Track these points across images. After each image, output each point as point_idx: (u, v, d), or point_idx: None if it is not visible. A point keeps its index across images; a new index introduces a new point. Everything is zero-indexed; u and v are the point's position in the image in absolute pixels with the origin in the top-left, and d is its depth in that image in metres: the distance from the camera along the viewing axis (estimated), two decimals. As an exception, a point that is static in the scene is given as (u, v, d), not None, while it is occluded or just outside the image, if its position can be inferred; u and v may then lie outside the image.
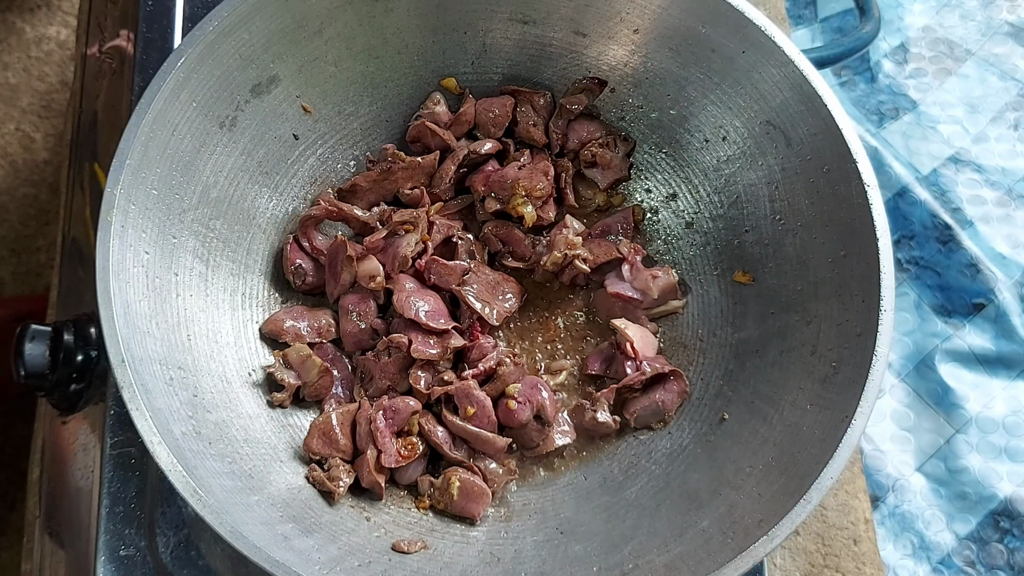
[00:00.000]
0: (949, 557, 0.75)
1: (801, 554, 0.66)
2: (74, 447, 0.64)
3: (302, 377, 0.59)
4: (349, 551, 0.51)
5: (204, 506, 0.45)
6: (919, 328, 0.84)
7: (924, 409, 0.81)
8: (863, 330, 0.52)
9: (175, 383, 0.51)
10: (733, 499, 0.52)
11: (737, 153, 0.63)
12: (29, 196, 1.05)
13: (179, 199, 0.55)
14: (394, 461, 0.57)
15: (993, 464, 0.77)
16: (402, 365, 0.61)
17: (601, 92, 0.68)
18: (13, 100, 1.09)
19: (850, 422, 0.49)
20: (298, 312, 0.62)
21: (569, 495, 0.60)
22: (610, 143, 0.68)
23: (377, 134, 0.68)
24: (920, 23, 0.98)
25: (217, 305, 0.59)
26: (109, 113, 0.73)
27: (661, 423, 0.62)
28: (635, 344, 0.62)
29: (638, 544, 0.52)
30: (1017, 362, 0.81)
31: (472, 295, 0.62)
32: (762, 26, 0.57)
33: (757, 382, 0.59)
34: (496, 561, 0.54)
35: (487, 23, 0.65)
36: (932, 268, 0.86)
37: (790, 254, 0.60)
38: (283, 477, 0.55)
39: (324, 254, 0.64)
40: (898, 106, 0.94)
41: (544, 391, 0.60)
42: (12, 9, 1.12)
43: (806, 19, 1.00)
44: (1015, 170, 0.89)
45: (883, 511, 0.77)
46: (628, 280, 0.65)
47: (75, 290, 0.69)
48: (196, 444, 0.49)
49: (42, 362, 0.56)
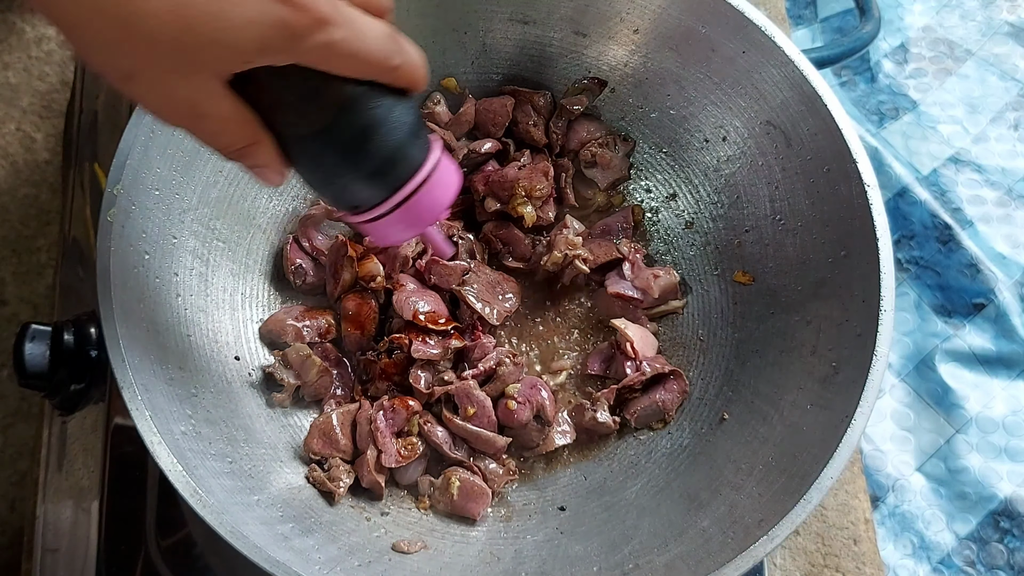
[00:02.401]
0: (949, 557, 0.75)
1: (801, 554, 0.66)
2: (74, 447, 0.64)
3: (302, 377, 0.59)
4: (349, 551, 0.51)
5: (204, 506, 0.45)
6: (919, 328, 0.84)
7: (924, 409, 0.81)
8: (863, 330, 0.52)
9: (175, 383, 0.51)
10: (733, 499, 0.52)
11: (737, 153, 0.63)
12: (29, 196, 1.05)
13: (179, 199, 0.55)
14: (394, 461, 0.57)
15: (993, 464, 0.77)
16: (402, 365, 0.61)
17: (601, 92, 0.68)
18: (13, 100, 1.09)
19: (850, 422, 0.49)
20: (298, 312, 0.62)
21: (569, 495, 0.60)
22: (610, 143, 0.68)
23: (377, 134, 0.68)
24: (920, 23, 0.98)
25: (217, 305, 0.59)
26: (109, 113, 0.73)
27: (661, 423, 0.62)
28: (635, 344, 0.62)
29: (638, 544, 0.52)
30: (1017, 362, 0.81)
31: (472, 295, 0.62)
32: (762, 26, 0.57)
33: (757, 382, 0.59)
34: (496, 561, 0.54)
35: (487, 23, 0.65)
36: (932, 268, 0.86)
37: (790, 254, 0.60)
38: (283, 477, 0.55)
39: (324, 254, 0.64)
40: (898, 106, 0.94)
41: (544, 391, 0.60)
42: (12, 9, 1.12)
43: (806, 19, 1.01)
44: (1015, 170, 0.89)
45: (883, 511, 0.77)
46: (629, 279, 0.65)
47: (75, 290, 0.69)
48: (196, 444, 0.49)
49: (42, 362, 0.56)
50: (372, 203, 0.39)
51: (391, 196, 0.39)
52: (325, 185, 0.39)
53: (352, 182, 0.38)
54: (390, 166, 0.38)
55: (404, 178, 0.38)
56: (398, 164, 0.38)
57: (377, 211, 0.39)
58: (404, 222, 0.40)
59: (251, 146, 0.35)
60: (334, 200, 0.41)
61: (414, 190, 0.39)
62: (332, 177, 0.38)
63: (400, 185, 0.38)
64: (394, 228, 0.40)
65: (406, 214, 0.39)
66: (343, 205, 0.40)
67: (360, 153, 0.37)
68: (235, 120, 0.34)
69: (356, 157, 0.37)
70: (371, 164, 0.37)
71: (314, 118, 0.35)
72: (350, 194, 0.39)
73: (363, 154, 0.37)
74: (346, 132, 0.36)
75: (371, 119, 0.36)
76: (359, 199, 0.39)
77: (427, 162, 0.39)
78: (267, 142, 0.36)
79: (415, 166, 0.39)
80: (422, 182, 0.39)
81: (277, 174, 0.38)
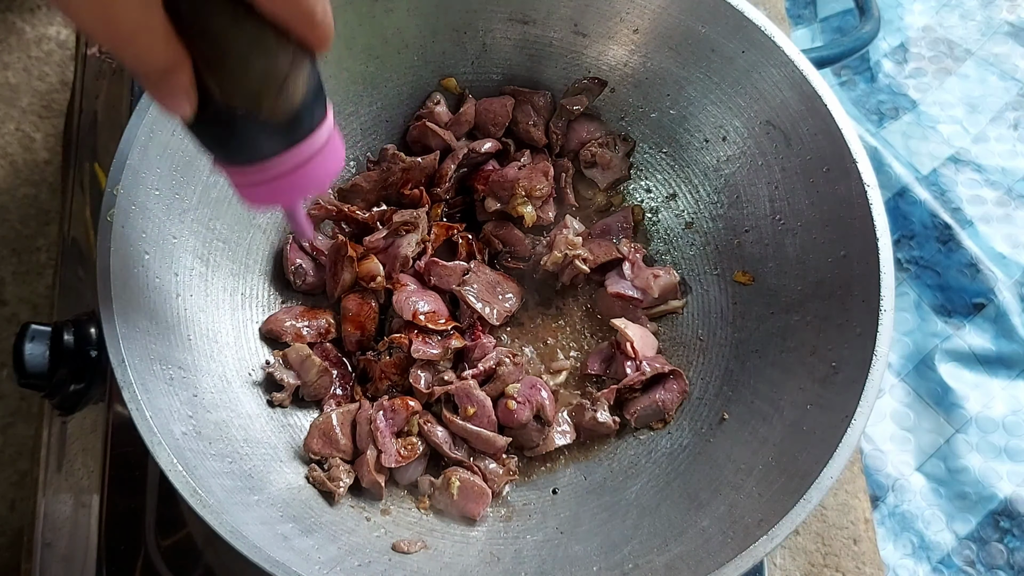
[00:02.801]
0: (949, 557, 0.75)
1: (801, 554, 0.66)
2: (74, 447, 0.64)
3: (302, 377, 0.59)
4: (349, 551, 0.51)
5: (204, 506, 0.45)
6: (919, 328, 0.84)
7: (924, 409, 0.81)
8: (863, 330, 0.52)
9: (175, 383, 0.51)
10: (733, 499, 0.52)
11: (737, 153, 0.63)
12: (29, 196, 1.05)
13: (179, 199, 0.55)
14: (394, 461, 0.57)
15: (993, 464, 0.77)
16: (402, 365, 0.61)
17: (601, 92, 0.68)
18: (13, 100, 1.09)
19: (850, 422, 0.49)
20: (298, 312, 0.62)
21: (569, 495, 0.60)
22: (610, 143, 0.68)
23: (377, 134, 0.68)
24: (920, 23, 0.98)
25: (217, 305, 0.59)
26: (109, 113, 0.73)
27: (661, 423, 0.62)
28: (635, 344, 0.62)
29: (638, 544, 0.52)
30: (1017, 362, 0.81)
31: (472, 295, 0.62)
32: (762, 26, 0.57)
33: (757, 382, 0.59)
34: (496, 561, 0.54)
35: (487, 23, 0.65)
36: (932, 268, 0.86)
37: (790, 254, 0.60)
38: (283, 477, 0.55)
39: (324, 254, 0.64)
40: (898, 106, 0.94)
41: (544, 391, 0.60)
42: (12, 9, 1.12)
43: (806, 19, 1.01)
44: (1015, 170, 0.89)
45: (883, 511, 0.77)
46: (629, 279, 0.65)
47: (75, 290, 0.69)
48: (196, 444, 0.49)
49: (42, 362, 0.56)
50: (249, 160, 0.37)
51: (272, 159, 0.36)
52: (225, 128, 0.36)
53: (255, 131, 0.36)
54: (295, 122, 0.36)
55: (301, 138, 0.37)
56: (303, 121, 0.36)
57: (258, 172, 0.37)
58: (283, 188, 0.38)
59: (173, 69, 0.34)
60: (210, 148, 0.38)
61: (313, 154, 0.37)
62: (216, 123, 0.35)
63: (287, 148, 0.36)
64: (267, 191, 0.38)
65: (288, 181, 0.37)
66: (220, 156, 0.38)
67: (272, 99, 0.34)
68: (164, 40, 0.33)
69: (249, 105, 0.34)
70: (279, 114, 0.35)
71: (232, 55, 0.33)
72: (227, 145, 0.37)
73: (275, 101, 0.35)
74: (260, 74, 0.34)
75: (286, 65, 0.34)
76: (235, 152, 0.37)
77: (320, 131, 0.37)
78: (188, 67, 0.34)
79: (306, 132, 0.37)
80: (321, 147, 0.37)
81: (188, 103, 0.35)
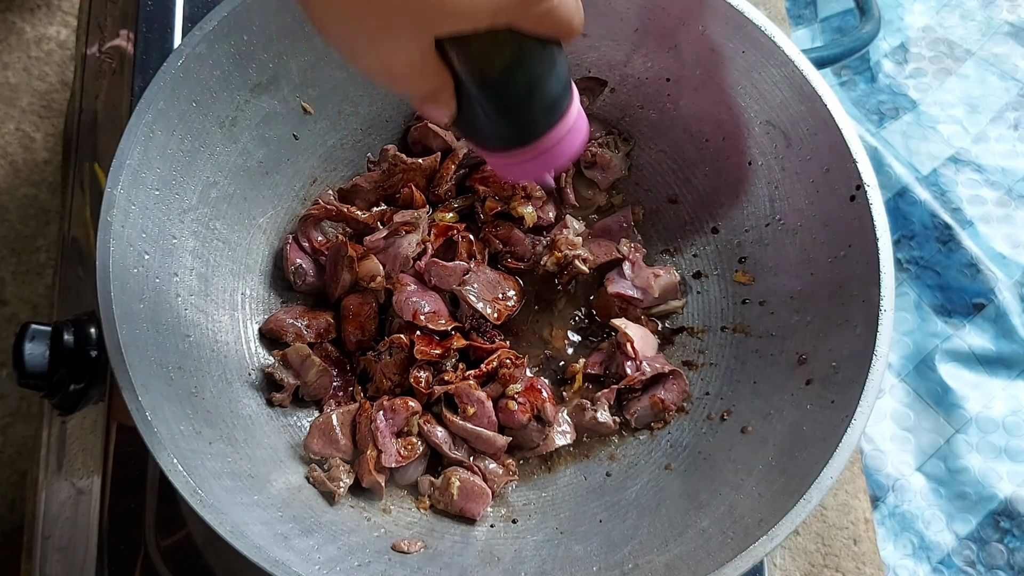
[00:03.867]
0: (949, 557, 0.75)
1: (801, 554, 0.66)
2: (74, 447, 0.64)
3: (302, 377, 0.59)
4: (349, 551, 0.51)
5: (204, 506, 0.45)
6: (919, 328, 0.84)
7: (924, 409, 0.81)
8: (863, 330, 0.52)
9: (175, 383, 0.51)
10: (733, 499, 0.52)
11: (737, 153, 0.63)
12: (29, 196, 1.05)
13: (179, 199, 0.55)
14: (394, 461, 0.57)
15: (993, 464, 0.77)
16: (403, 365, 0.61)
17: (601, 92, 0.68)
18: (13, 100, 1.09)
19: (850, 422, 0.49)
20: (298, 312, 0.62)
21: (569, 495, 0.60)
22: (610, 143, 0.68)
23: (377, 134, 0.68)
24: (920, 23, 0.98)
25: (217, 305, 0.59)
26: (109, 113, 0.73)
27: (661, 423, 0.62)
28: (635, 344, 0.62)
29: (638, 544, 0.52)
30: (1017, 362, 0.81)
31: (472, 295, 0.62)
32: (762, 26, 0.57)
33: (757, 382, 0.59)
34: (496, 561, 0.54)
35: (487, 23, 0.65)
36: (932, 268, 0.86)
37: (790, 254, 0.60)
38: (283, 477, 0.55)
39: (324, 254, 0.64)
40: (898, 106, 0.94)
41: (544, 391, 0.60)
42: (12, 9, 1.12)
43: (806, 19, 1.01)
44: (1015, 170, 0.89)
45: (883, 511, 0.77)
46: (630, 279, 0.65)
47: (75, 290, 0.69)
48: (196, 444, 0.49)
49: (42, 362, 0.56)
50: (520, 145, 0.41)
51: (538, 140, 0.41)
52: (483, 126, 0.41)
53: (510, 126, 0.40)
54: (547, 113, 0.40)
55: (553, 123, 0.41)
56: (553, 111, 0.41)
57: (524, 153, 0.41)
58: (542, 163, 0.42)
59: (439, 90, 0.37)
60: (482, 140, 0.43)
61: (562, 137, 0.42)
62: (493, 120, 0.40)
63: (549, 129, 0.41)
64: (530, 167, 0.43)
65: (548, 157, 0.42)
66: (492, 145, 0.42)
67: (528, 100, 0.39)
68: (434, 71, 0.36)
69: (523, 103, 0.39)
70: (533, 110, 0.40)
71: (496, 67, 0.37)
72: (502, 136, 0.41)
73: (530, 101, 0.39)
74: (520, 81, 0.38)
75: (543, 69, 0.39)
76: (509, 140, 0.41)
77: (571, 110, 0.42)
78: (451, 85, 0.37)
79: (563, 113, 0.41)
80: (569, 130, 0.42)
81: (447, 114, 0.39)
